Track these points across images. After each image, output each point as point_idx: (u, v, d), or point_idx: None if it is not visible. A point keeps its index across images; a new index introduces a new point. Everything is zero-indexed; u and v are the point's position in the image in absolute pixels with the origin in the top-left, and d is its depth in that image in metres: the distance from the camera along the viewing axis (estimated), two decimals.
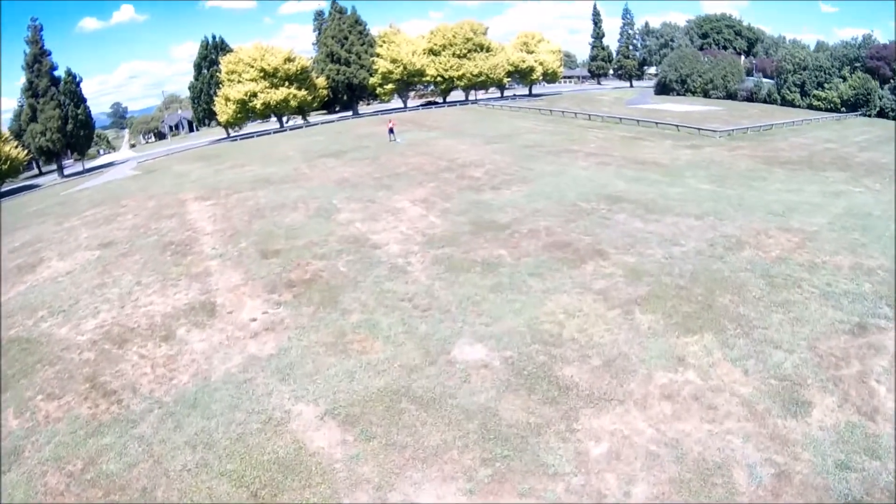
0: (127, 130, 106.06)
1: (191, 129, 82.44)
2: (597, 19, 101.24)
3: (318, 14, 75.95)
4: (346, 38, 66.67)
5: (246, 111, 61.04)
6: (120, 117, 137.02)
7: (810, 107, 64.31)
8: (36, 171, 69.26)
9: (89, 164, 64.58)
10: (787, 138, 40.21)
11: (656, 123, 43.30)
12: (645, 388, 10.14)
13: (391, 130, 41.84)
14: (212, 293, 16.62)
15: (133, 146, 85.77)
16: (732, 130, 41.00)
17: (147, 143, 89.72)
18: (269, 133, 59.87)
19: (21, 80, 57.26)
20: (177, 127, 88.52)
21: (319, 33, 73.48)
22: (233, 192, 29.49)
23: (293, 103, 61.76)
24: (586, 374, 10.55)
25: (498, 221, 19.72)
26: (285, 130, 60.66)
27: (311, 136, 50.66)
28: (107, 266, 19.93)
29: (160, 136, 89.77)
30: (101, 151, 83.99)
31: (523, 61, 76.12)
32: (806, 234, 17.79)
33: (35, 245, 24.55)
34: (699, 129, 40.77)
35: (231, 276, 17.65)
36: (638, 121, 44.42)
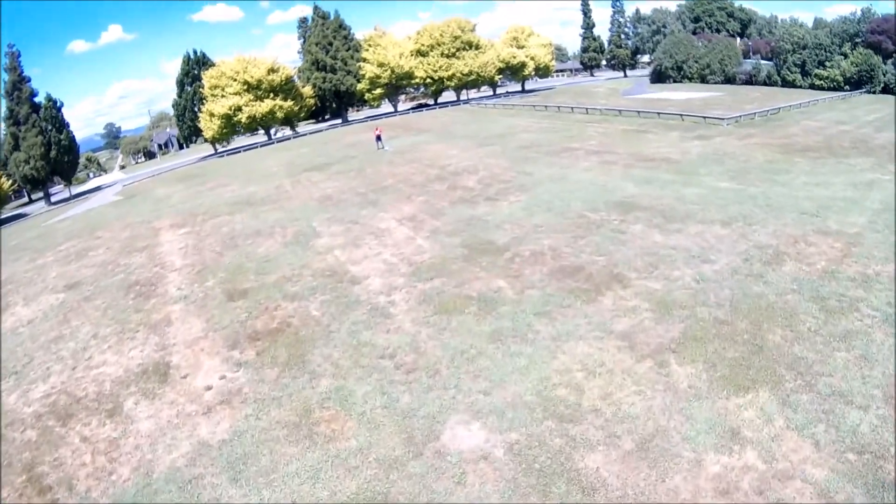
0: (119, 151, 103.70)
1: (180, 147, 79.95)
2: (586, 9, 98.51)
3: (303, 21, 73.34)
4: (331, 45, 64.01)
5: (231, 126, 58.54)
6: (114, 137, 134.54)
7: (812, 87, 61.51)
8: (26, 198, 67.15)
9: (79, 189, 62.26)
10: (797, 122, 37.38)
11: (658, 114, 40.53)
12: (694, 482, 7.53)
13: (378, 138, 39.23)
14: (168, 349, 14.24)
15: (123, 167, 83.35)
16: (740, 117, 38.21)
17: (137, 163, 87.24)
18: (257, 147, 57.32)
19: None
20: (166, 145, 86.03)
21: (304, 41, 70.78)
22: (209, 218, 27.03)
23: (279, 115, 59.18)
24: (616, 464, 7.92)
25: (495, 242, 17.06)
26: (272, 143, 58.05)
27: (298, 149, 48.08)
28: (67, 314, 17.96)
29: (150, 155, 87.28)
30: (91, 175, 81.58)
31: (514, 57, 73.26)
32: (849, 238, 15.15)
33: (6, 287, 22.52)
34: (704, 117, 37.99)
35: (192, 326, 15.21)
36: (639, 112, 41.64)
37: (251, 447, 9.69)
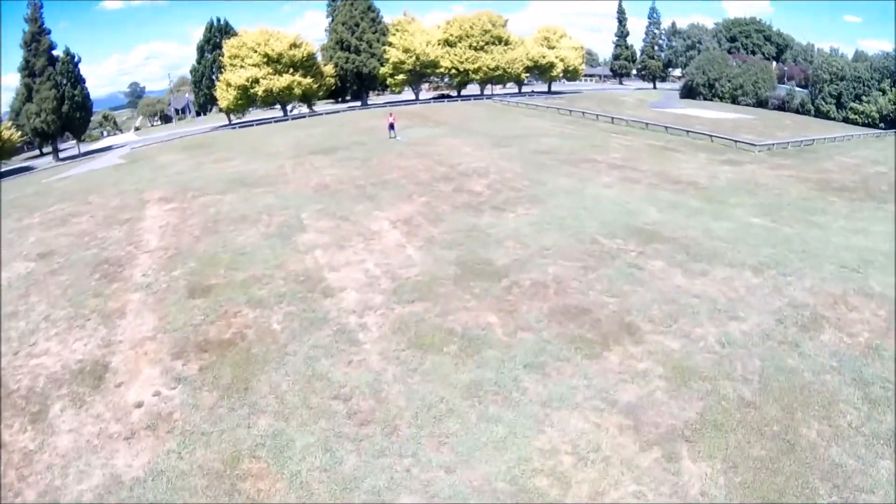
0: (138, 112, 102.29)
1: (198, 114, 78.21)
2: (622, 17, 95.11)
3: (333, 1, 70.86)
4: (357, 25, 61.74)
5: (247, 98, 56.56)
6: (137, 97, 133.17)
7: (846, 120, 58.73)
8: (37, 151, 65.78)
9: (90, 147, 60.90)
10: (831, 157, 34.81)
11: (687, 132, 38.06)
12: None
13: (391, 126, 37.11)
14: (112, 348, 12.67)
15: (138, 129, 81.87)
16: (773, 145, 35.70)
17: (153, 125, 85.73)
18: (270, 122, 55.38)
19: None
20: (184, 111, 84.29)
21: (332, 20, 68.50)
22: (200, 195, 25.21)
23: (297, 91, 57.12)
24: None
25: (493, 263, 15.03)
26: (287, 120, 56.11)
27: (310, 129, 46.09)
28: (30, 287, 16.62)
29: (167, 119, 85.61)
30: (105, 133, 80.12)
31: (543, 56, 70.58)
32: (893, 305, 12.97)
33: None
34: (735, 141, 35.52)
35: (143, 323, 13.55)
36: (666, 127, 39.18)
37: (164, 494, 7.89)
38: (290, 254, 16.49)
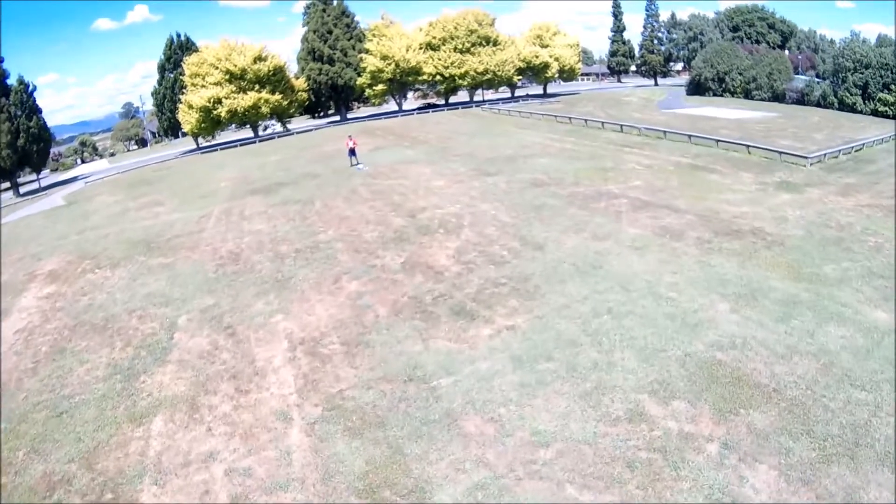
0: (111, 137, 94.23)
1: (175, 136, 70.06)
2: (617, 12, 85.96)
3: (308, 7, 62.30)
4: (330, 33, 53.23)
5: (211, 120, 48.26)
6: (131, 117, 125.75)
7: (875, 113, 50.16)
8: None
9: (59, 177, 54.10)
10: (890, 164, 26.09)
11: (716, 141, 29.29)
12: None
13: (352, 152, 28.74)
14: None
15: (113, 154, 73.85)
16: (824, 155, 26.94)
17: (129, 150, 77.63)
18: (236, 146, 47.05)
19: None
20: (159, 133, 76.03)
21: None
22: (92, 268, 18.54)
23: (264, 110, 48.79)
24: None
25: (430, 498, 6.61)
26: (254, 142, 47.73)
27: (269, 155, 37.75)
28: None
29: (143, 142, 77.49)
30: (78, 161, 72.14)
31: (536, 56, 61.61)
32: None
33: None
34: (780, 152, 26.79)
35: None
36: (689, 136, 30.45)
37: None
38: (113, 429, 8.27)
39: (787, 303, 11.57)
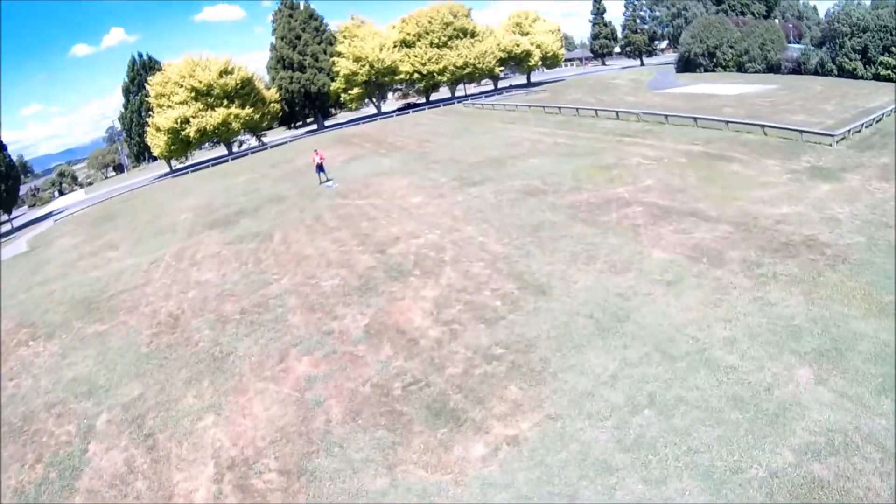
0: (86, 165, 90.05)
1: (153, 159, 66.15)
2: None
3: (275, 14, 58.14)
4: (299, 38, 49.26)
5: (181, 141, 44.48)
6: (114, 142, 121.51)
7: (877, 77, 47.06)
8: None
9: (36, 213, 51.18)
10: None
11: (726, 123, 25.60)
12: None
13: (319, 168, 25.05)
14: None
15: (91, 183, 69.93)
16: (848, 131, 23.26)
17: (107, 178, 73.60)
18: (208, 166, 43.27)
19: None
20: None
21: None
22: (19, 346, 14.38)
23: (235, 125, 45.00)
24: None
25: None
26: (227, 160, 43.92)
27: (237, 175, 34.04)
28: None
29: (120, 168, 73.47)
30: (56, 194, 68.25)
31: (517, 45, 57.68)
32: None
33: None
34: (800, 131, 23.13)
35: None
36: (694, 119, 26.71)
37: None
38: None
39: (884, 358, 8.05)
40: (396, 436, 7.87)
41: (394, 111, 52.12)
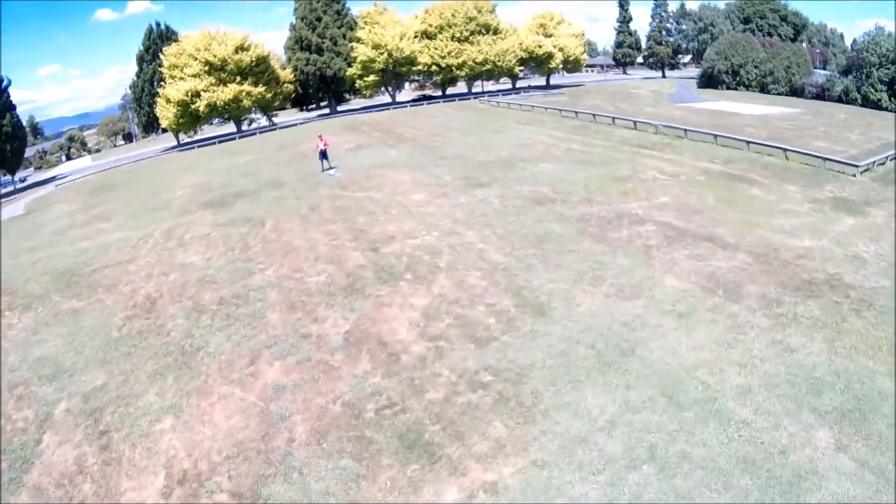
0: (96, 132, 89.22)
1: (163, 130, 65.38)
2: (623, 2, 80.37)
3: None
4: (319, 20, 48.23)
5: (190, 115, 43.62)
6: (126, 109, 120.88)
7: None
8: None
9: (41, 176, 50.91)
10: None
11: (747, 143, 24.50)
12: None
13: (323, 154, 24.14)
14: None
15: (98, 150, 69.21)
16: (873, 163, 22.12)
17: (116, 146, 72.85)
18: (214, 142, 42.43)
19: None
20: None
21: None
22: None
23: (246, 103, 44.13)
24: None
25: None
26: (235, 138, 43.05)
27: (242, 155, 33.19)
28: None
29: (129, 137, 72.70)
30: (63, 158, 67.56)
31: (539, 46, 56.42)
32: None
33: None
34: (823, 158, 22.02)
35: None
36: (715, 136, 25.59)
37: None
38: None
39: None
40: (362, 467, 6.98)
41: (408, 102, 51.06)
